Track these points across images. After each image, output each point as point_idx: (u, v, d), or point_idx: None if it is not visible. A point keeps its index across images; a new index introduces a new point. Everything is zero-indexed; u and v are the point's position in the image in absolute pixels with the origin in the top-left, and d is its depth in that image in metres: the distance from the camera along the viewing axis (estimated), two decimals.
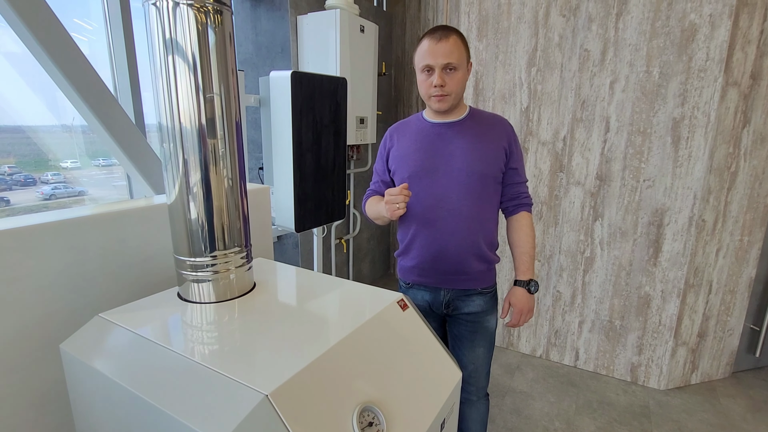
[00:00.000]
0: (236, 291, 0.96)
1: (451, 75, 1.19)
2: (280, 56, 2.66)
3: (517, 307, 1.31)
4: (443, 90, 1.19)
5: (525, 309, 1.31)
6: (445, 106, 1.23)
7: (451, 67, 1.17)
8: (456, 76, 1.19)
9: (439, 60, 1.16)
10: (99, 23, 2.10)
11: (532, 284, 1.31)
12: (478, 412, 1.45)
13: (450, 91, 1.20)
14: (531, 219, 1.37)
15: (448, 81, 1.19)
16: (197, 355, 0.72)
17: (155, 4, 0.80)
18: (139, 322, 0.84)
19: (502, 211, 1.40)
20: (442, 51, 1.16)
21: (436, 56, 1.16)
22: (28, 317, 0.90)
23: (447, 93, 1.20)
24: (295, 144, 1.85)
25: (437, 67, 1.17)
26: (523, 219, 1.35)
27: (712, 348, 2.36)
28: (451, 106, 1.24)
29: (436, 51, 1.16)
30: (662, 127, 2.09)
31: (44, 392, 0.94)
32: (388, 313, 0.92)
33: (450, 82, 1.19)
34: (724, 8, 1.89)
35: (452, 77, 1.19)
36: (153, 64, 0.84)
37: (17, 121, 2.05)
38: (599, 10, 2.13)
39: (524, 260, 1.33)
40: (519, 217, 1.36)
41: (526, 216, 1.35)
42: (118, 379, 0.71)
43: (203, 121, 0.86)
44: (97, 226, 1.01)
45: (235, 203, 0.94)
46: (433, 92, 1.20)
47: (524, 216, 1.35)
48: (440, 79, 1.18)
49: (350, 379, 0.74)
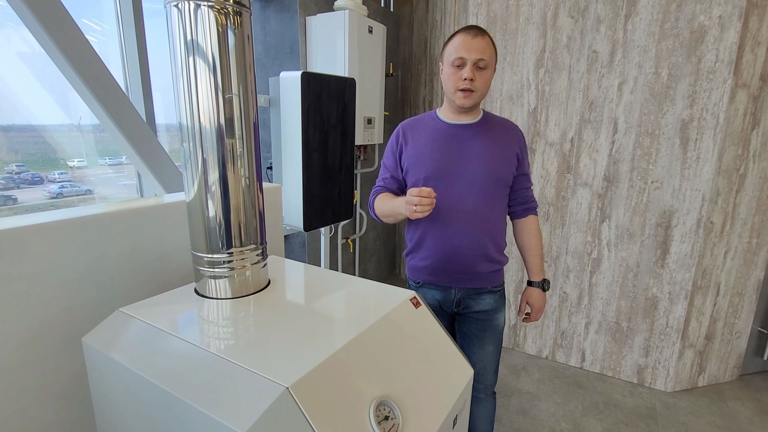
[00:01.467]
0: (252, 288, 0.98)
1: (481, 72, 1.20)
2: (288, 57, 2.68)
3: (535, 306, 1.41)
4: (472, 85, 1.20)
5: (542, 307, 1.42)
6: (470, 102, 1.23)
7: (483, 64, 1.19)
8: (485, 74, 1.21)
9: (473, 54, 1.17)
10: (110, 24, 2.13)
11: (546, 283, 1.42)
12: (485, 409, 1.46)
13: (477, 87, 1.21)
14: (538, 222, 1.43)
15: (478, 77, 1.20)
16: (217, 349, 0.73)
17: (177, 5, 0.82)
18: (159, 316, 0.85)
19: (510, 214, 1.43)
20: (477, 46, 1.17)
21: (471, 50, 1.17)
22: (50, 312, 0.92)
23: (474, 89, 1.21)
24: (304, 144, 1.87)
25: (470, 61, 1.18)
26: (532, 223, 1.41)
27: (719, 350, 2.36)
28: (474, 104, 1.24)
29: (471, 45, 1.17)
30: (671, 128, 2.09)
31: (66, 385, 0.96)
32: (402, 310, 0.93)
33: (479, 79, 1.20)
34: (733, 10, 1.89)
35: (482, 75, 1.21)
36: (174, 64, 0.86)
37: (27, 120, 2.08)
38: (608, 12, 2.13)
39: (536, 262, 1.40)
40: (528, 221, 1.40)
41: (534, 220, 1.41)
42: (140, 370, 0.73)
43: (222, 121, 0.87)
44: (116, 223, 1.03)
45: (252, 202, 0.96)
46: (461, 85, 1.20)
47: (533, 220, 1.41)
48: (471, 72, 1.18)
49: (366, 373, 0.75)
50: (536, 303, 1.41)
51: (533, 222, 1.41)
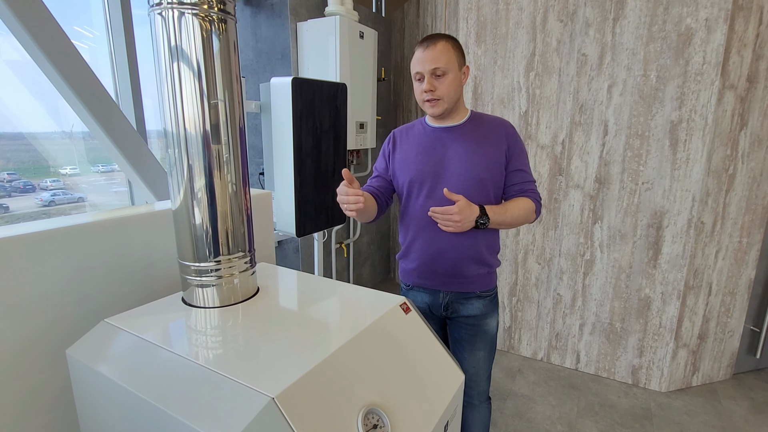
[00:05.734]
0: (240, 296, 0.97)
1: (441, 80, 1.21)
2: (280, 62, 2.68)
3: (458, 206, 1.16)
4: (434, 95, 1.22)
5: (457, 213, 1.15)
6: (439, 110, 1.25)
7: (440, 72, 1.20)
8: (445, 80, 1.21)
9: (426, 66, 1.20)
10: (100, 31, 2.12)
11: (484, 219, 1.20)
12: (480, 415, 1.45)
13: (441, 95, 1.22)
14: (530, 205, 1.28)
15: (438, 86, 1.21)
16: (203, 359, 0.72)
17: (161, 13, 0.82)
18: (145, 326, 0.84)
19: (504, 200, 1.33)
20: (428, 57, 1.19)
21: (424, 63, 1.20)
22: (34, 323, 0.90)
23: (438, 97, 1.22)
24: (296, 149, 1.86)
25: (426, 73, 1.20)
26: (521, 199, 1.28)
27: (712, 350, 2.37)
28: (445, 110, 1.25)
29: (423, 58, 1.20)
30: (660, 130, 2.10)
31: (53, 398, 0.95)
32: (391, 317, 0.93)
33: (440, 87, 1.21)
34: (719, 12, 1.91)
35: (441, 82, 1.21)
36: (158, 71, 0.85)
37: (17, 128, 2.06)
38: (596, 15, 2.15)
39: (497, 206, 1.25)
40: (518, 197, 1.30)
41: (525, 199, 1.29)
42: (125, 383, 0.72)
43: (208, 127, 0.87)
44: (103, 233, 1.01)
45: (239, 208, 0.95)
46: (424, 97, 1.24)
47: (523, 198, 1.29)
48: (429, 84, 1.21)
49: (354, 381, 0.74)
50: (462, 207, 1.15)
51: (521, 198, 1.28)
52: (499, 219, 1.23)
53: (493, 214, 1.22)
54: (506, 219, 1.25)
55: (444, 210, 1.16)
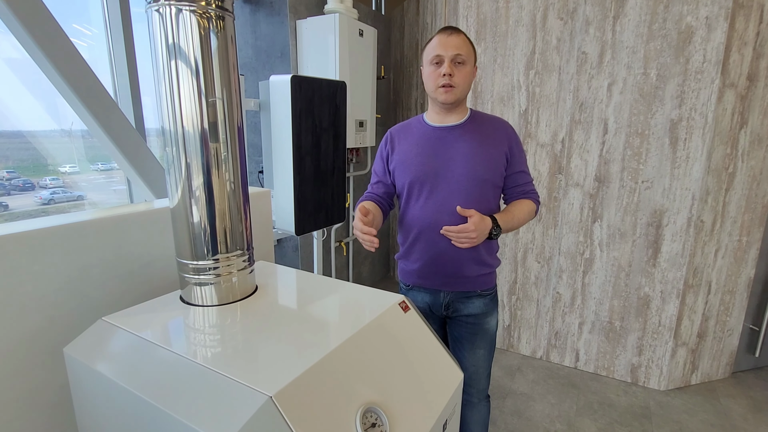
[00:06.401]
0: (238, 294, 0.97)
1: (460, 68, 1.21)
2: (279, 60, 2.67)
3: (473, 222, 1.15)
4: (452, 80, 1.20)
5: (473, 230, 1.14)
6: (452, 98, 1.23)
7: (461, 60, 1.20)
8: (464, 70, 1.21)
9: (449, 51, 1.19)
10: (99, 29, 2.11)
11: (497, 230, 1.21)
12: (479, 414, 1.45)
13: (457, 83, 1.21)
14: (532, 206, 1.32)
15: (457, 72, 1.21)
16: (201, 358, 0.72)
17: (158, 10, 0.81)
18: (142, 325, 0.84)
19: (505, 202, 1.36)
20: (453, 43, 1.19)
21: (447, 47, 1.19)
22: (32, 321, 0.90)
23: (455, 84, 1.21)
24: (295, 147, 1.86)
25: (447, 57, 1.19)
26: (524, 202, 1.31)
27: (711, 348, 2.37)
28: (456, 99, 1.24)
29: (447, 43, 1.19)
30: (660, 128, 2.10)
31: (52, 396, 0.95)
32: (390, 315, 0.92)
33: (458, 74, 1.21)
34: (720, 11, 1.91)
35: (460, 70, 1.21)
36: (156, 68, 0.85)
37: (16, 126, 2.06)
38: (596, 14, 2.14)
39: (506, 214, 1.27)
40: (520, 199, 1.32)
41: (527, 201, 1.31)
42: (122, 381, 0.72)
43: (206, 125, 0.86)
44: (101, 231, 1.01)
45: (237, 207, 0.95)
46: (441, 82, 1.21)
47: (526, 201, 1.31)
48: (449, 68, 1.19)
49: (353, 380, 0.74)
50: (477, 223, 1.15)
51: (525, 202, 1.30)
52: (508, 226, 1.26)
53: (503, 223, 1.24)
54: (514, 225, 1.28)
55: (460, 229, 1.15)
